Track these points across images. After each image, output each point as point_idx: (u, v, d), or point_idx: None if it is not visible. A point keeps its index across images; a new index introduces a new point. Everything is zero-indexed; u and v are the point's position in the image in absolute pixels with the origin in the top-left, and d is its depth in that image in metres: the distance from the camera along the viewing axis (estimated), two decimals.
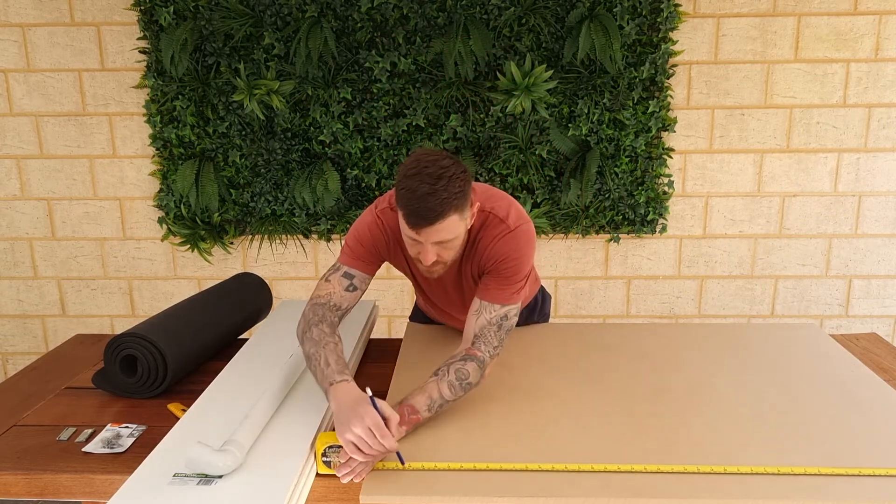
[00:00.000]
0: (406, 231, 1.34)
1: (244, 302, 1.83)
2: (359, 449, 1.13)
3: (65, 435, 1.32)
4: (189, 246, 2.92)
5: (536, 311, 1.90)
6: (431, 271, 1.42)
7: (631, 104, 2.71)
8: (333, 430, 1.18)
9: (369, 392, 1.22)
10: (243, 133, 2.79)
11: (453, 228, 1.31)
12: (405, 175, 1.29)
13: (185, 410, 1.37)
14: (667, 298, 3.00)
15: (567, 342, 1.70)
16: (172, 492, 1.04)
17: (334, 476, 1.16)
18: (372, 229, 1.49)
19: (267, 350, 1.60)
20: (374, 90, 2.72)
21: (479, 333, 1.42)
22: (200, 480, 1.07)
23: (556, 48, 2.68)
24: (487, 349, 1.40)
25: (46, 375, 1.61)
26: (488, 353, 1.40)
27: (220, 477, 1.07)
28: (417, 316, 1.95)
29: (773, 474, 1.14)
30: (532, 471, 1.16)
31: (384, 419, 1.18)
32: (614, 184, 2.80)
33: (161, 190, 2.89)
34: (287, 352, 1.58)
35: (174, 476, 1.08)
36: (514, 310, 1.44)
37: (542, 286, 1.94)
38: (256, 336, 1.70)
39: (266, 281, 2.01)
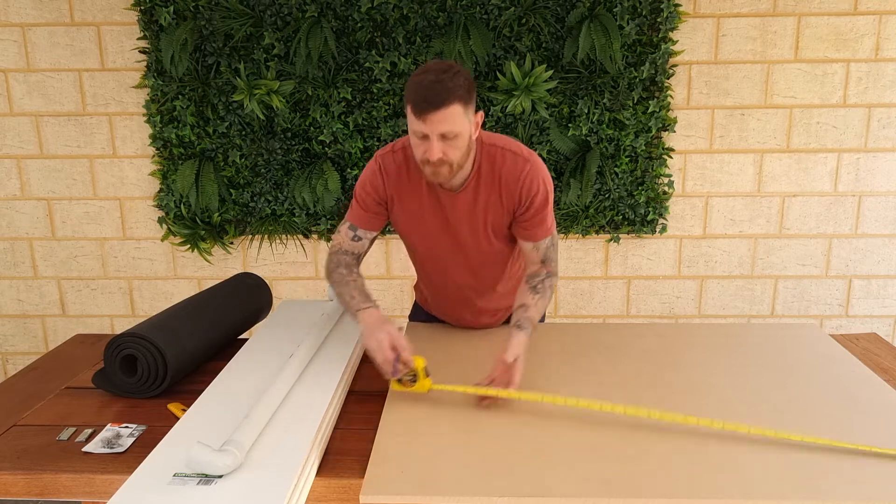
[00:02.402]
0: (413, 127, 1.42)
1: (244, 302, 1.82)
2: (379, 354, 1.38)
3: (65, 435, 1.31)
4: (189, 246, 2.92)
5: None
6: (438, 173, 1.46)
7: (631, 104, 2.71)
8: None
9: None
10: (243, 133, 2.79)
11: (458, 121, 1.39)
12: (414, 74, 1.42)
13: (185, 410, 1.37)
14: (667, 298, 3.00)
15: (567, 342, 1.70)
16: (172, 492, 1.04)
17: (334, 476, 1.17)
18: (374, 177, 1.61)
19: (267, 350, 1.60)
20: (374, 90, 2.72)
21: (545, 258, 1.62)
22: (200, 480, 1.07)
23: (556, 48, 2.68)
24: (555, 265, 1.64)
25: (46, 375, 1.61)
26: (555, 266, 1.64)
27: (220, 477, 1.07)
28: (418, 314, 1.95)
29: (773, 474, 1.14)
30: (532, 471, 1.16)
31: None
32: (614, 184, 2.80)
33: (161, 190, 2.89)
34: (287, 352, 1.58)
35: (174, 476, 1.08)
36: (556, 235, 1.65)
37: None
38: (256, 336, 1.70)
39: (266, 281, 2.01)
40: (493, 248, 1.65)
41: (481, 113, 1.50)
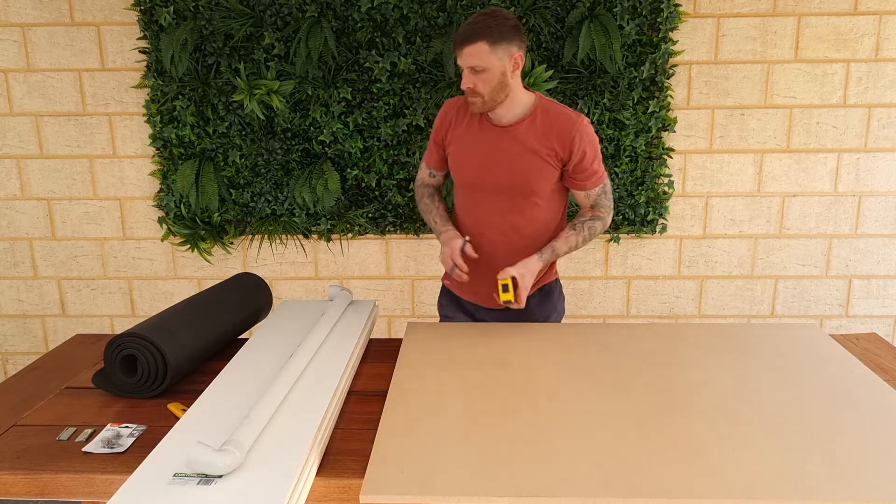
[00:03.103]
0: (458, 60, 1.69)
1: (244, 302, 1.82)
2: (444, 261, 1.78)
3: (65, 435, 1.32)
4: (189, 246, 2.92)
5: (553, 298, 1.99)
6: (473, 103, 1.71)
7: (631, 104, 2.71)
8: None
9: (467, 238, 1.80)
10: (243, 133, 2.79)
11: (482, 57, 1.63)
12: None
13: (185, 410, 1.37)
14: (667, 298, 3.00)
15: (567, 342, 1.70)
16: (172, 492, 1.04)
17: (334, 476, 1.17)
18: (438, 118, 1.89)
19: (267, 350, 1.60)
20: (374, 90, 2.72)
21: (594, 203, 1.84)
22: (200, 480, 1.07)
23: (556, 48, 2.68)
24: (604, 210, 1.85)
25: (46, 375, 1.61)
26: (605, 211, 1.85)
27: (220, 477, 1.07)
28: (445, 302, 2.06)
29: (773, 474, 1.14)
30: (532, 471, 1.16)
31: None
32: (614, 184, 2.80)
33: (161, 190, 2.89)
34: (287, 352, 1.58)
35: (174, 476, 1.08)
36: (607, 179, 1.85)
37: (557, 278, 2.05)
38: (256, 336, 1.70)
39: (266, 281, 2.01)
40: (531, 190, 1.80)
41: (520, 55, 1.69)
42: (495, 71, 1.65)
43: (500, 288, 1.70)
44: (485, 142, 1.78)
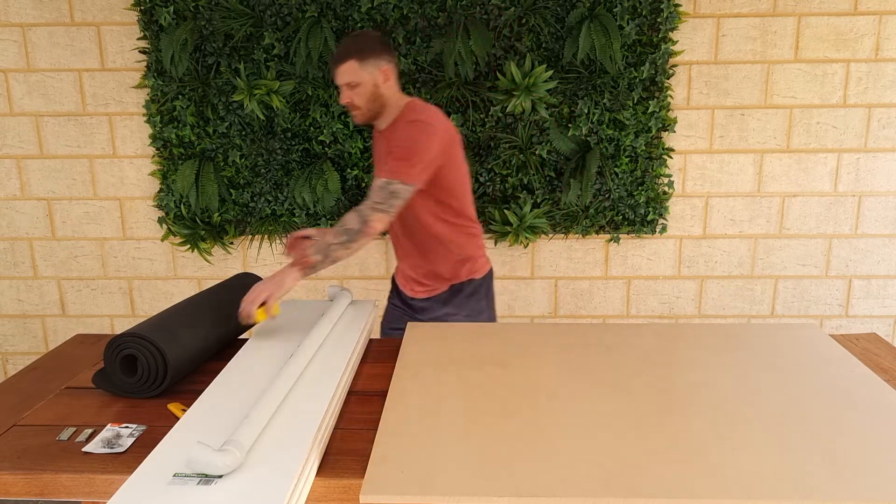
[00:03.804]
0: (335, 82, 1.87)
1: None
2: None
3: (65, 435, 1.31)
4: (189, 246, 2.92)
5: (460, 298, 2.05)
6: (354, 115, 1.90)
7: (631, 104, 2.71)
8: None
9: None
10: (243, 133, 2.79)
11: (352, 73, 1.81)
12: None
13: (185, 410, 1.37)
14: (667, 298, 3.00)
15: (567, 342, 1.70)
16: (172, 492, 1.04)
17: (334, 476, 1.17)
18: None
19: (267, 350, 1.60)
20: None
21: (368, 195, 1.77)
22: (200, 480, 1.07)
23: (556, 48, 2.68)
24: (368, 203, 1.73)
25: (46, 375, 1.61)
26: (368, 206, 1.72)
27: (220, 477, 1.07)
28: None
29: (773, 474, 1.14)
30: (532, 471, 1.16)
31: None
32: (614, 184, 2.80)
33: (161, 190, 2.89)
34: (287, 352, 1.58)
35: (174, 476, 1.08)
36: (396, 182, 1.75)
37: (473, 278, 2.08)
38: (256, 336, 1.70)
39: None
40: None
41: (388, 67, 1.86)
42: (367, 84, 1.83)
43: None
44: (377, 152, 2.00)
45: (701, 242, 2.93)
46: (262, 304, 1.62)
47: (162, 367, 1.46)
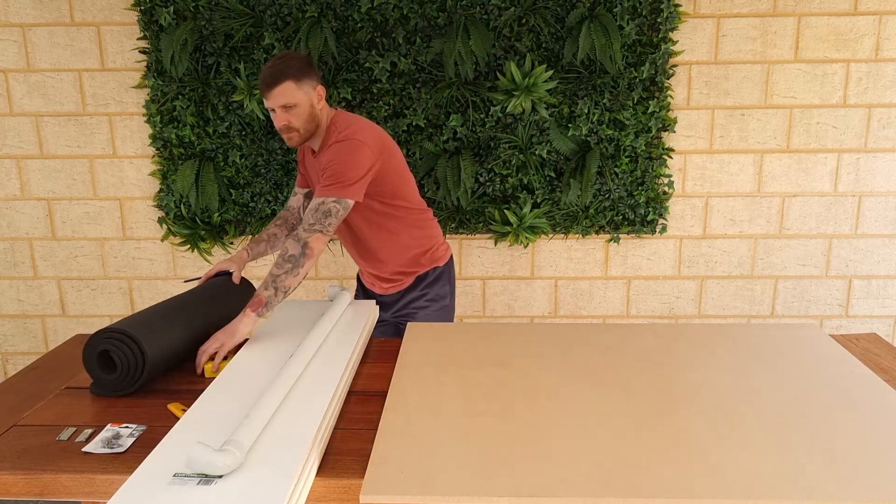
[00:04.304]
0: (267, 105, 1.83)
1: (231, 297, 1.82)
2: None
3: (65, 435, 1.32)
4: (189, 246, 2.92)
5: (435, 280, 2.10)
6: (290, 139, 1.86)
7: (631, 104, 2.71)
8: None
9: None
10: (243, 133, 2.79)
11: (290, 94, 1.79)
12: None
13: (185, 410, 1.37)
14: (667, 298, 3.00)
15: (567, 342, 1.70)
16: (172, 492, 1.04)
17: (334, 476, 1.17)
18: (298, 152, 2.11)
19: (267, 350, 1.60)
20: (375, 90, 2.72)
21: (305, 217, 1.79)
22: (200, 480, 1.07)
23: (556, 48, 2.68)
24: (302, 226, 1.77)
25: (46, 375, 1.61)
26: (303, 230, 1.75)
27: (220, 477, 1.08)
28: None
29: (773, 474, 1.14)
30: (532, 471, 1.16)
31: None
32: (614, 184, 2.80)
33: (161, 190, 2.89)
34: (287, 352, 1.58)
35: (174, 476, 1.08)
36: (331, 199, 1.78)
37: (446, 268, 2.15)
38: (256, 336, 1.70)
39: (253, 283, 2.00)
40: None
41: (321, 87, 1.87)
42: (305, 105, 1.82)
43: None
44: (311, 171, 2.01)
45: (701, 242, 2.93)
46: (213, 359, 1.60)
47: (139, 356, 1.45)
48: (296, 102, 1.80)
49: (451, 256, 2.20)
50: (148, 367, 1.46)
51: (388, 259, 2.08)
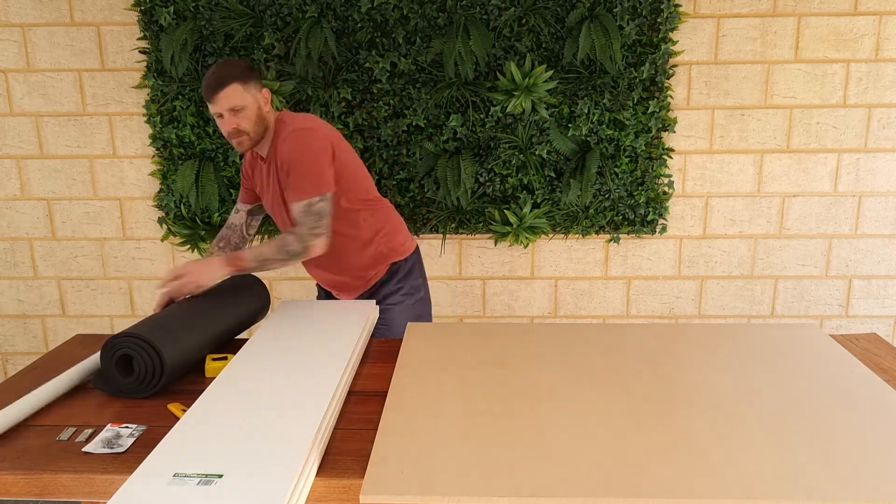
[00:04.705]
0: (211, 111, 1.80)
1: (242, 301, 1.82)
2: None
3: (65, 435, 1.32)
4: (189, 246, 2.92)
5: (407, 273, 2.08)
6: (240, 143, 1.82)
7: (631, 104, 2.71)
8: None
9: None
10: None
11: (237, 96, 1.76)
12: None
13: (185, 410, 1.37)
14: (667, 298, 3.00)
15: (567, 342, 1.70)
16: (172, 492, 1.04)
17: (334, 476, 1.17)
18: (242, 166, 2.07)
19: (268, 350, 1.60)
20: (374, 90, 2.72)
21: (295, 221, 1.79)
22: (200, 480, 1.07)
23: (556, 48, 2.68)
24: (303, 228, 1.77)
25: (46, 375, 1.61)
26: (305, 230, 1.76)
27: (221, 476, 1.08)
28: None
29: (773, 474, 1.14)
30: (532, 471, 1.16)
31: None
32: (614, 184, 2.80)
33: (161, 190, 2.89)
34: (288, 352, 1.58)
35: (174, 476, 1.08)
36: (315, 199, 1.78)
37: (411, 259, 2.12)
38: (257, 336, 1.70)
39: (264, 281, 2.01)
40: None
41: (267, 90, 1.86)
42: (253, 107, 1.80)
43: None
44: (266, 181, 1.95)
45: (701, 242, 2.93)
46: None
47: (158, 366, 1.46)
48: (244, 105, 1.78)
49: (417, 247, 2.16)
50: (164, 381, 1.47)
51: (351, 259, 2.03)
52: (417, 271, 2.13)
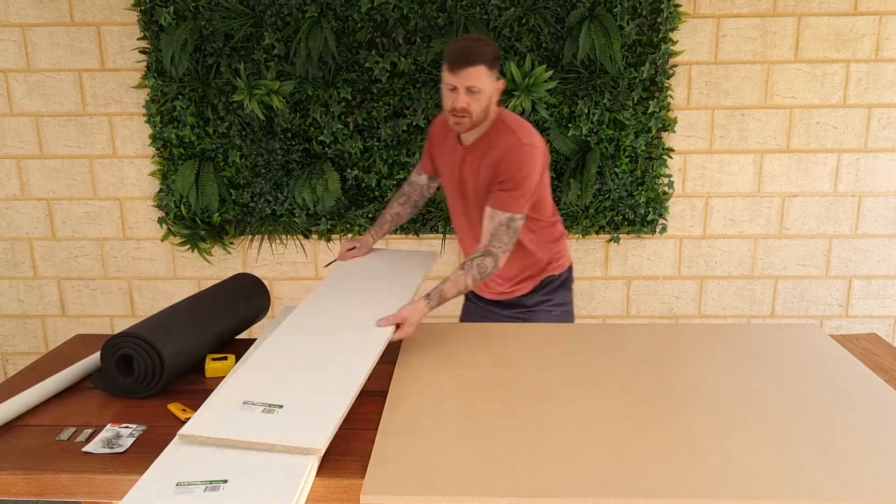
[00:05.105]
0: (447, 80, 1.73)
1: (241, 302, 1.82)
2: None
3: (65, 435, 1.32)
4: (189, 246, 2.92)
5: (558, 287, 2.08)
6: (460, 122, 1.76)
7: (631, 104, 2.71)
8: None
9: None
10: (243, 133, 2.79)
11: (483, 78, 1.71)
12: (454, 41, 1.75)
13: (185, 410, 1.37)
14: (667, 298, 3.00)
15: (567, 342, 1.70)
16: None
17: (334, 476, 1.17)
18: (429, 131, 2.04)
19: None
20: (374, 90, 2.72)
21: (493, 233, 1.76)
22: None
23: (556, 48, 2.68)
24: (500, 246, 1.75)
25: (46, 375, 1.61)
26: (501, 250, 1.75)
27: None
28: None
29: (773, 474, 1.14)
30: (532, 471, 1.16)
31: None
32: (614, 184, 2.80)
33: (161, 190, 2.89)
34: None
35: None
36: (519, 216, 1.77)
37: (570, 269, 2.14)
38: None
39: (265, 281, 2.01)
40: (482, 206, 1.84)
41: (503, 82, 1.79)
42: (487, 93, 1.74)
43: None
44: (455, 162, 1.91)
45: (701, 242, 2.93)
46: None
47: (158, 366, 1.45)
48: (482, 88, 1.72)
49: (571, 265, 2.17)
50: (164, 381, 1.47)
51: (516, 269, 2.01)
52: (568, 285, 2.15)
